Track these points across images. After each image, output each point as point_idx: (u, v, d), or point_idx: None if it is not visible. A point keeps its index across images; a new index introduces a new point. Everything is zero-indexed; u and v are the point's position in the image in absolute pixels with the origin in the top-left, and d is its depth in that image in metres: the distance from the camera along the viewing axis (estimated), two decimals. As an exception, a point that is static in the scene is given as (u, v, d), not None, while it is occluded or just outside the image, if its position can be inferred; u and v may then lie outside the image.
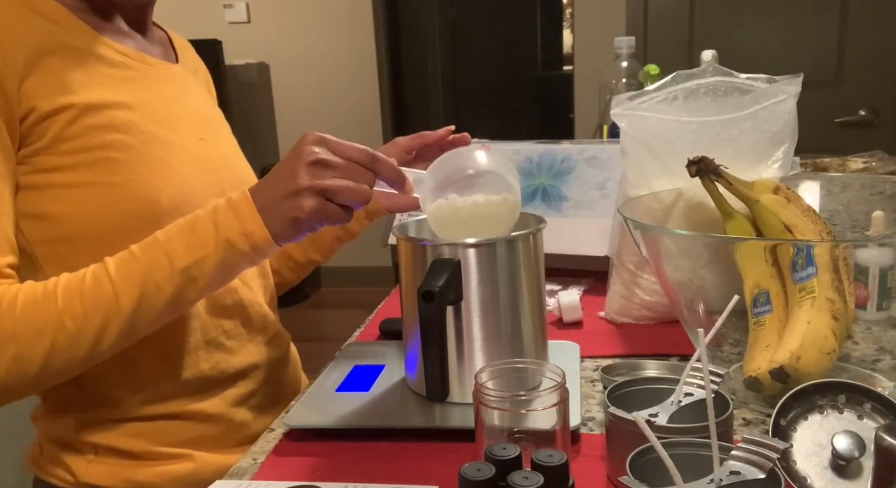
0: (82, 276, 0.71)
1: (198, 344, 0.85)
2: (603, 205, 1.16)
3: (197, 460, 0.85)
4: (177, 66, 0.93)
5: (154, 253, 0.72)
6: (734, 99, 0.87)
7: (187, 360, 0.84)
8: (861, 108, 2.61)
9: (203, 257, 0.72)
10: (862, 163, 1.54)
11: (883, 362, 0.74)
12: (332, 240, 1.03)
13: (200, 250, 0.72)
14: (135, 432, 0.83)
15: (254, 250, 0.72)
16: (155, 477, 0.83)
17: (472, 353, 0.73)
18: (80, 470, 0.82)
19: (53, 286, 0.71)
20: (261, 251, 0.73)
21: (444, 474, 0.64)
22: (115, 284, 0.71)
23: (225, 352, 0.87)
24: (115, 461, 0.82)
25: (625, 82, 1.53)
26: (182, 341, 0.83)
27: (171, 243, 0.72)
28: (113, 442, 0.82)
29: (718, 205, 0.78)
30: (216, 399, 0.87)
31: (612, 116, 0.91)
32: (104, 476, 0.82)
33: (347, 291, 4.02)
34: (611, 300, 1.00)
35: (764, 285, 0.73)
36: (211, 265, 0.72)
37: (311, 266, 1.07)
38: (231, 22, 4.11)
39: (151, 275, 0.71)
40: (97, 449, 0.83)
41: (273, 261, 1.04)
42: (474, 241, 0.71)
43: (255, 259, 0.74)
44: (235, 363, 0.88)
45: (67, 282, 0.71)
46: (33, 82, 0.74)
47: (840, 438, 0.56)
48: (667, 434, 0.54)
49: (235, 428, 0.88)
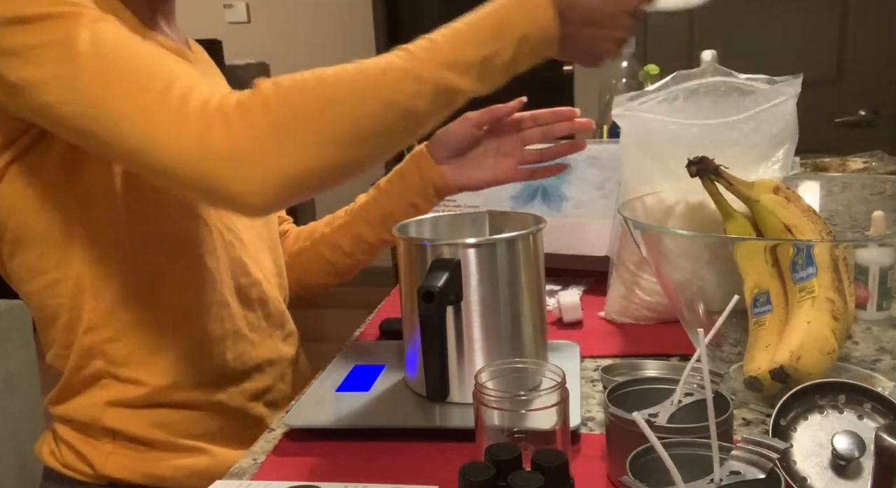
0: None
1: (226, 333, 0.86)
2: (603, 205, 1.15)
3: (213, 455, 0.85)
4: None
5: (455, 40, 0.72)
6: (734, 100, 0.87)
7: (216, 348, 0.85)
8: (861, 108, 2.60)
9: (498, 51, 0.71)
10: (862, 163, 1.55)
11: (883, 362, 0.74)
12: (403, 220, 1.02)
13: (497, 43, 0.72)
14: (156, 421, 0.83)
15: (533, 52, 0.74)
16: (173, 470, 0.83)
17: (472, 353, 0.73)
18: (99, 462, 0.82)
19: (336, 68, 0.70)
20: (537, 53, 0.74)
21: (444, 474, 0.64)
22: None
23: (248, 344, 0.89)
24: (134, 453, 0.83)
25: (625, 82, 1.53)
26: (211, 328, 0.84)
27: (470, 32, 0.72)
28: (133, 430, 0.82)
29: (718, 206, 0.78)
30: (235, 391, 0.88)
31: (613, 117, 0.91)
32: (123, 469, 0.82)
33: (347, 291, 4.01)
34: (611, 300, 1.00)
35: (764, 285, 0.73)
36: (503, 62, 0.72)
37: (383, 246, 1.05)
38: (231, 22, 4.11)
39: (455, 58, 0.70)
40: (115, 435, 0.83)
41: (345, 245, 1.03)
42: (474, 241, 0.71)
43: (522, 67, 0.74)
44: (255, 356, 0.90)
45: (369, 63, 0.70)
46: None
47: (840, 438, 0.56)
48: (667, 434, 0.54)
49: (251, 423, 0.89)
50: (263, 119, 0.65)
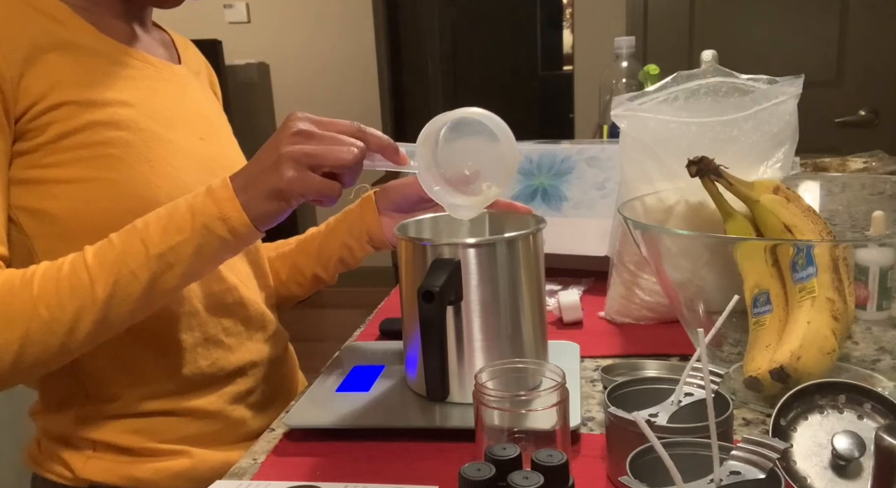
0: (60, 264, 0.71)
1: (196, 341, 0.85)
2: (603, 205, 1.15)
3: (194, 456, 0.85)
4: (179, 66, 0.93)
5: (130, 239, 0.71)
6: (735, 100, 0.86)
7: (186, 357, 0.84)
8: (861, 108, 2.60)
9: (179, 243, 0.71)
10: (862, 163, 1.55)
11: (883, 362, 0.74)
12: (336, 260, 1.00)
13: (176, 236, 0.71)
14: (133, 428, 0.83)
15: (232, 235, 0.71)
16: (153, 473, 0.83)
17: (472, 353, 0.73)
18: (78, 466, 0.82)
19: (31, 274, 0.71)
20: (240, 236, 0.72)
21: (444, 474, 0.64)
22: (91, 271, 0.70)
23: (224, 349, 0.88)
24: (114, 457, 0.83)
25: (625, 82, 1.53)
26: (181, 338, 0.83)
27: (147, 230, 0.71)
28: (111, 439, 0.82)
29: (718, 206, 0.78)
30: (214, 396, 0.87)
31: (613, 117, 0.91)
32: (102, 472, 0.82)
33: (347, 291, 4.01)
34: (611, 300, 1.00)
35: (764, 285, 0.73)
36: (188, 251, 0.71)
37: (317, 283, 1.04)
38: (231, 22, 4.11)
39: (126, 262, 0.70)
40: (95, 445, 0.83)
41: (283, 273, 1.03)
42: (474, 241, 0.71)
43: (236, 245, 0.73)
44: (234, 360, 0.89)
45: (45, 270, 0.71)
46: (33, 78, 0.74)
47: (840, 438, 0.56)
48: (667, 434, 0.54)
49: (233, 425, 0.89)
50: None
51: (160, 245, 0.70)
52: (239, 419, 0.89)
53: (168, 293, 0.74)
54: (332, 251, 0.99)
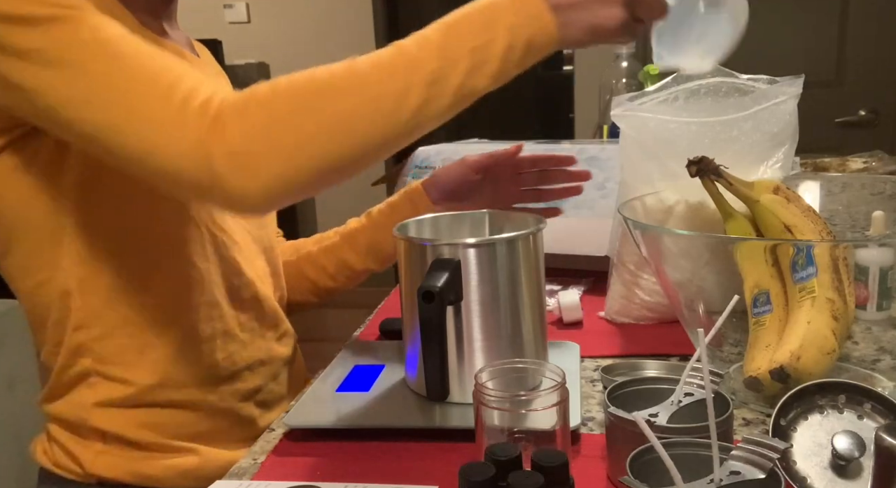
0: (376, 53, 0.70)
1: (216, 332, 0.86)
2: (603, 205, 1.15)
3: (203, 455, 0.85)
4: (203, 65, 0.95)
5: (445, 32, 0.70)
6: (735, 100, 0.86)
7: (205, 348, 0.85)
8: (861, 108, 2.61)
9: (490, 40, 0.69)
10: (862, 163, 1.55)
11: (883, 362, 0.74)
12: (392, 253, 1.01)
13: (487, 33, 0.69)
14: (144, 421, 0.83)
15: (531, 44, 0.70)
16: (161, 470, 0.83)
17: (472, 353, 0.73)
18: (87, 460, 0.82)
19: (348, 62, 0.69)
20: (536, 51, 0.71)
21: (444, 474, 0.64)
22: (416, 50, 0.68)
23: (238, 343, 0.88)
24: (123, 452, 0.83)
25: (625, 82, 1.53)
26: (200, 328, 0.84)
27: (459, 25, 0.70)
28: (121, 431, 0.82)
29: (718, 206, 0.78)
30: (225, 392, 0.87)
31: (613, 117, 0.91)
32: (111, 467, 0.82)
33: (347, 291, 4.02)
34: (611, 300, 1.00)
35: (764, 285, 0.73)
36: (498, 51, 0.69)
37: (367, 274, 1.07)
38: (231, 22, 4.11)
39: (445, 50, 0.68)
40: (105, 437, 0.83)
41: (331, 267, 1.05)
42: (474, 241, 0.71)
43: (524, 59, 0.71)
44: (246, 356, 0.89)
45: (360, 60, 0.69)
46: None
47: (840, 438, 0.56)
48: (667, 434, 0.54)
49: (242, 423, 0.89)
50: (258, 118, 0.65)
51: (474, 39, 0.69)
52: (248, 417, 0.90)
53: (475, 93, 0.71)
54: (384, 244, 1.01)
